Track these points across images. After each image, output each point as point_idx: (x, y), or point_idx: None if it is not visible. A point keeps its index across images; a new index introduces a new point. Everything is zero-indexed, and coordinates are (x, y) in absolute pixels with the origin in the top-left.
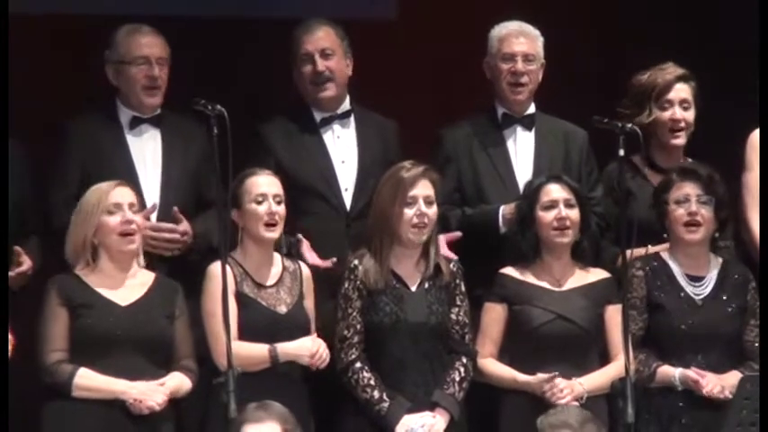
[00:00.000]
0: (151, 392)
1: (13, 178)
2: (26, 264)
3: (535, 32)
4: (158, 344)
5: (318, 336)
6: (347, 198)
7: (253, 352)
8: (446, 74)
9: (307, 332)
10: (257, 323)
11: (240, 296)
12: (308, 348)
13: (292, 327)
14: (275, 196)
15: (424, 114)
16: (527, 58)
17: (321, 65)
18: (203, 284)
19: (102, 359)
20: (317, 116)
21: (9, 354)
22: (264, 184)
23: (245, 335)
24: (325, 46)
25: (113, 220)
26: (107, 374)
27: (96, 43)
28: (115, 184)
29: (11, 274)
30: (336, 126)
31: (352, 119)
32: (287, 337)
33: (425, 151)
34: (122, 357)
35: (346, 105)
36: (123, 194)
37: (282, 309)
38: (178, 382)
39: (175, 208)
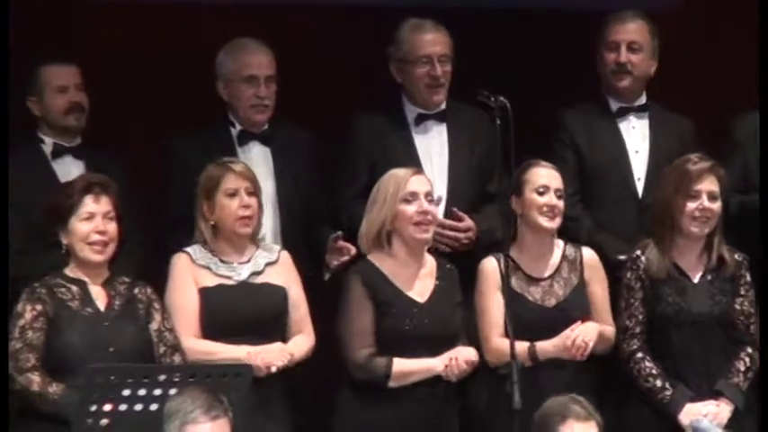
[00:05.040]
0: (463, 354)
1: (303, 169)
2: (352, 249)
3: None
4: (452, 337)
5: None
6: (639, 187)
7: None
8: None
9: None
10: (523, 319)
11: (506, 291)
12: (564, 344)
13: (562, 320)
14: (557, 190)
15: (716, 108)
16: None
17: (625, 56)
18: (475, 282)
19: (400, 356)
20: (614, 105)
21: (308, 353)
22: (546, 176)
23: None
24: (634, 39)
25: (410, 209)
26: None
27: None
28: (413, 171)
29: (334, 262)
30: (632, 117)
31: (647, 113)
32: (557, 331)
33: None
34: (419, 353)
35: (643, 99)
36: (420, 183)
37: (551, 302)
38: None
39: (453, 209)
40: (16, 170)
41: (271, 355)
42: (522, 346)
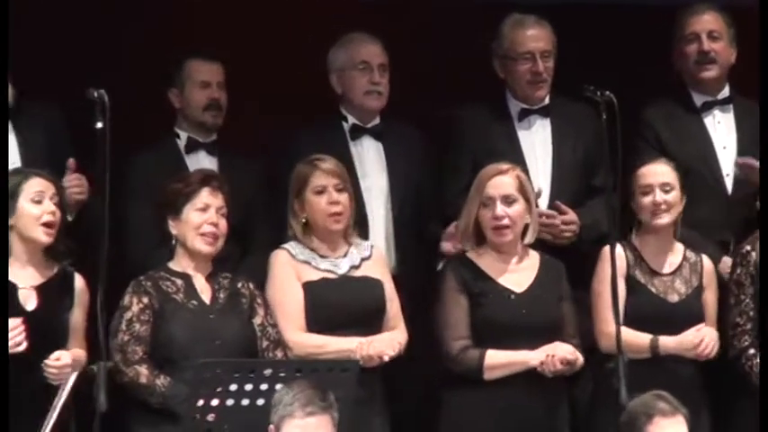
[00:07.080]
0: (560, 351)
1: (414, 164)
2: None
3: None
4: (551, 329)
5: None
6: (728, 183)
7: (635, 340)
8: None
9: (698, 323)
10: (645, 310)
11: (630, 281)
12: (691, 342)
13: (683, 317)
14: (662, 185)
15: None
16: None
17: (707, 44)
18: (596, 266)
19: (499, 347)
20: (698, 100)
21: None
22: (648, 174)
23: (631, 320)
24: (712, 28)
25: (486, 215)
26: None
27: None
28: (497, 170)
29: (449, 247)
30: (717, 111)
31: (731, 105)
32: (675, 327)
33: None
34: (518, 344)
35: (726, 92)
36: (497, 186)
37: (674, 298)
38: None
39: (557, 202)
40: (151, 163)
41: (382, 344)
42: (643, 338)
